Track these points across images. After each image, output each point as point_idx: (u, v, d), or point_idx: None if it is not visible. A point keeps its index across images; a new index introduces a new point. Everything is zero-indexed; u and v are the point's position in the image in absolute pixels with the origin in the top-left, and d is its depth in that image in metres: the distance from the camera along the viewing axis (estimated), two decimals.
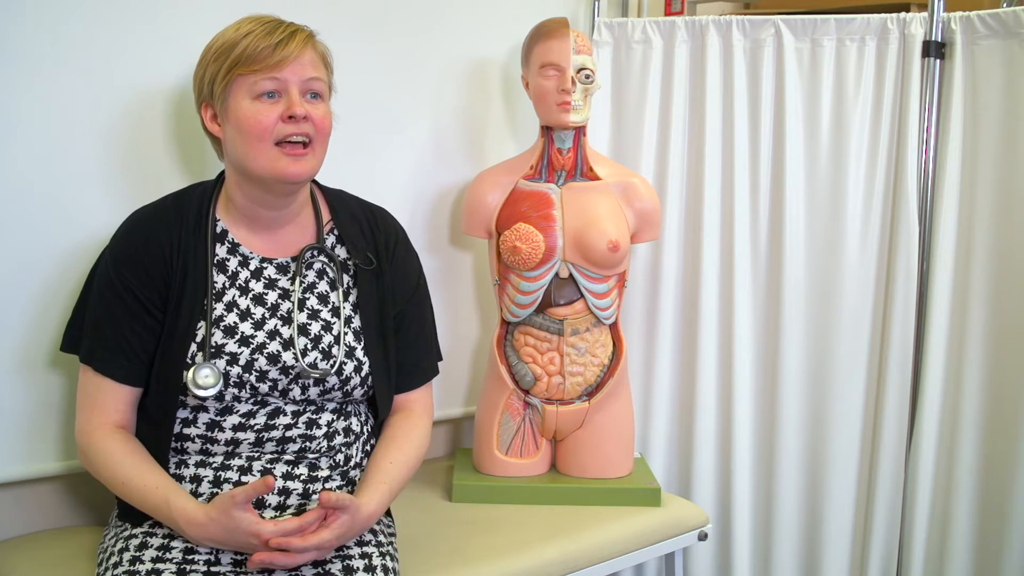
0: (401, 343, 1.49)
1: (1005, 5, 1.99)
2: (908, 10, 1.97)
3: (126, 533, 1.32)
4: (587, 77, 1.76)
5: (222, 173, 1.43)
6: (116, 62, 1.53)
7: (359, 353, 1.40)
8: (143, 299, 1.33)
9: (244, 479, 1.32)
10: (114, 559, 1.28)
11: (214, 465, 1.33)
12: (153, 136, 1.59)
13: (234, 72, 1.29)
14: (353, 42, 1.81)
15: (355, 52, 1.81)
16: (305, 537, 1.22)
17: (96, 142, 1.53)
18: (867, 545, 2.03)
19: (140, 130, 1.58)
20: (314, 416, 1.37)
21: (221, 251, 1.38)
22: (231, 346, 1.32)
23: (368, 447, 1.46)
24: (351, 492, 1.41)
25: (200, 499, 1.32)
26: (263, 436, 1.34)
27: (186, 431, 1.34)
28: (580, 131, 1.81)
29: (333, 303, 1.41)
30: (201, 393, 1.29)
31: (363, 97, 1.84)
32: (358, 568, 1.28)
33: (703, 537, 1.84)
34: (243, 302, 1.36)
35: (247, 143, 1.31)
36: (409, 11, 1.91)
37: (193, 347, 1.31)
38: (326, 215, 1.47)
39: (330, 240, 1.45)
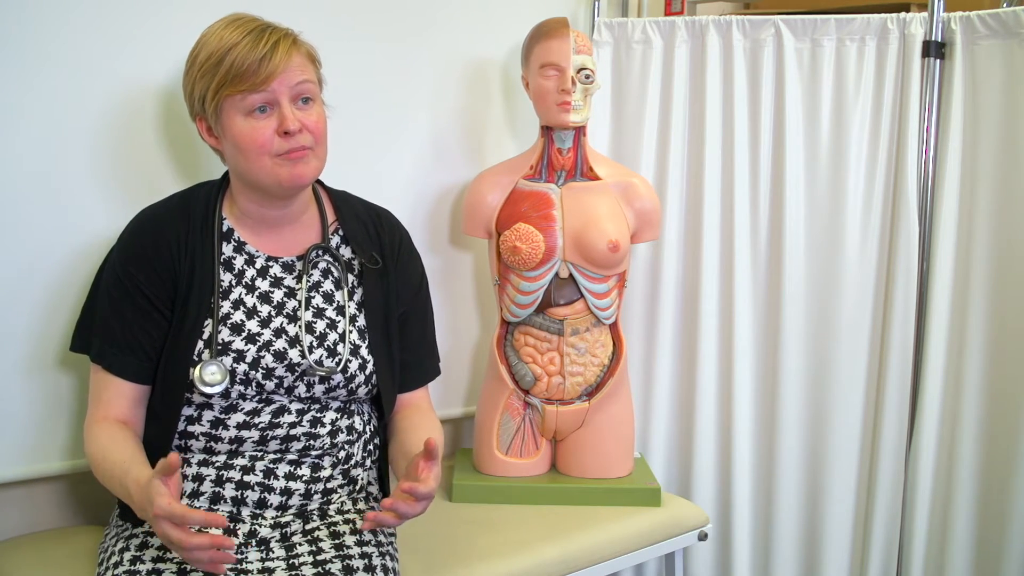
0: (405, 343, 1.50)
1: (1005, 5, 1.99)
2: (908, 10, 1.97)
3: (127, 533, 1.32)
4: (587, 77, 1.76)
5: (227, 172, 1.43)
6: (112, 63, 1.53)
7: (364, 351, 1.40)
8: (151, 296, 1.33)
9: (247, 478, 1.33)
10: (115, 559, 1.28)
11: (217, 464, 1.34)
12: (151, 137, 1.59)
13: (222, 92, 1.29)
14: (352, 42, 1.81)
15: (354, 52, 1.81)
16: (426, 482, 1.21)
17: (95, 144, 1.53)
18: (867, 545, 2.03)
19: (138, 131, 1.58)
20: (318, 414, 1.38)
21: (227, 249, 1.38)
22: (238, 343, 1.33)
23: (370, 447, 1.46)
24: (352, 491, 1.42)
25: (202, 498, 1.33)
26: (267, 434, 1.34)
27: (190, 428, 1.34)
28: (580, 131, 1.81)
29: (338, 302, 1.42)
30: (207, 390, 1.30)
31: (363, 98, 1.84)
32: (358, 568, 1.29)
33: (703, 537, 1.84)
34: (249, 300, 1.37)
35: (247, 159, 1.32)
36: (409, 11, 1.91)
37: (200, 344, 1.32)
38: (331, 215, 1.47)
39: (335, 240, 1.46)
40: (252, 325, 1.35)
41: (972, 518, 1.94)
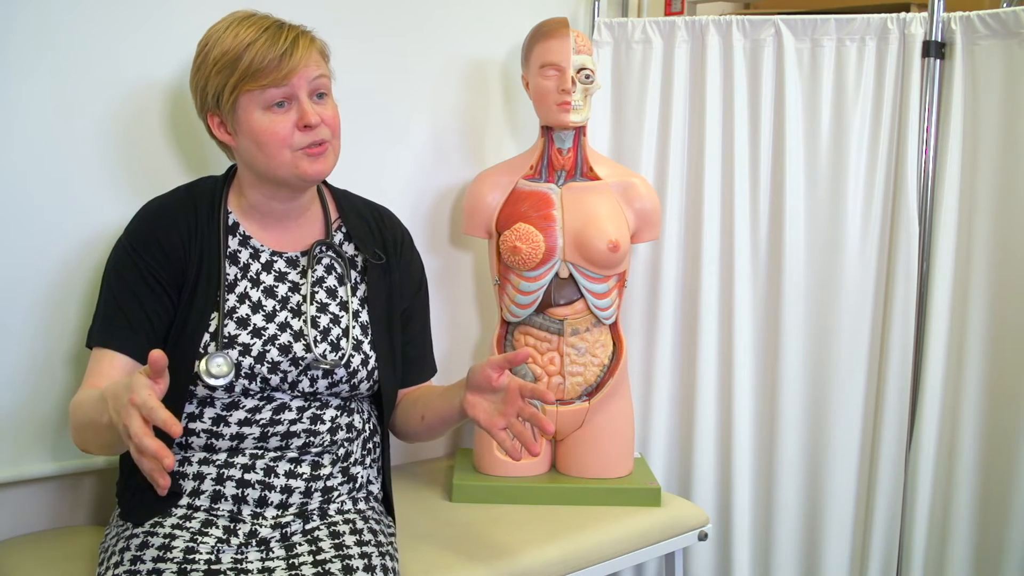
0: (408, 338, 1.52)
1: (1005, 5, 1.99)
2: (908, 10, 1.97)
3: (127, 533, 1.32)
4: (587, 77, 1.76)
5: (231, 167, 1.44)
6: (115, 58, 1.53)
7: (366, 347, 1.41)
8: (160, 277, 1.33)
9: (247, 476, 1.33)
10: (115, 559, 1.28)
11: (217, 462, 1.34)
12: (157, 131, 1.59)
13: (241, 87, 1.30)
14: (352, 41, 1.81)
15: (355, 51, 1.81)
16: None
17: (100, 138, 1.53)
18: (867, 545, 2.03)
19: (144, 125, 1.58)
20: (318, 411, 1.38)
21: (233, 243, 1.39)
22: (244, 337, 1.33)
23: (370, 445, 1.47)
24: (352, 489, 1.42)
25: (203, 496, 1.33)
26: (268, 431, 1.35)
27: (191, 426, 1.34)
28: (580, 131, 1.81)
29: (341, 297, 1.43)
30: (214, 382, 1.28)
31: (363, 97, 1.84)
32: (358, 568, 1.29)
33: (703, 537, 1.84)
34: (254, 294, 1.37)
35: (267, 154, 1.32)
36: (409, 10, 1.91)
37: (206, 337, 1.32)
38: (334, 212, 1.49)
39: (338, 236, 1.47)
40: (257, 319, 1.36)
41: (972, 518, 1.94)
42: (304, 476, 1.36)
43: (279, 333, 1.36)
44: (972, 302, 1.92)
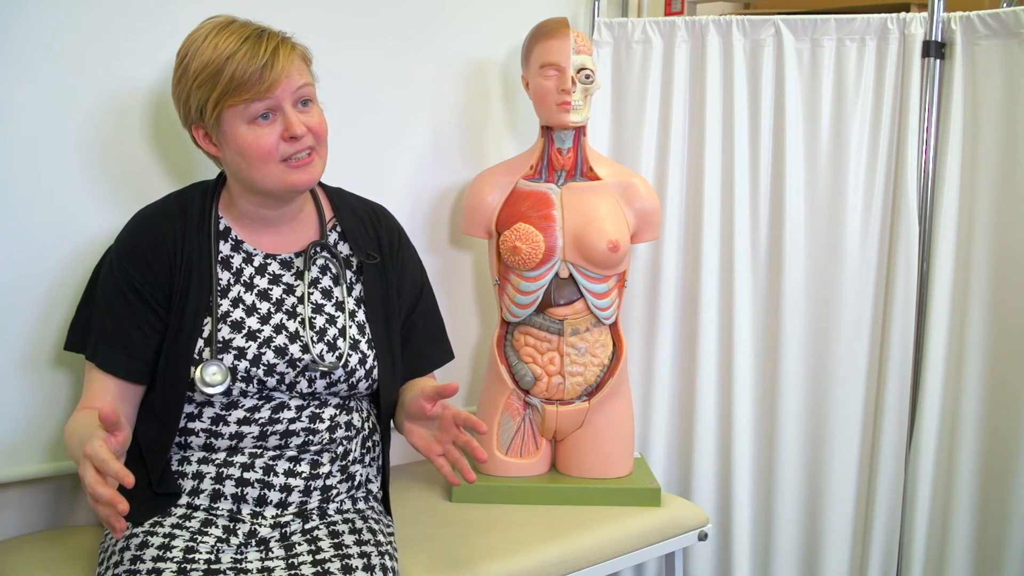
0: (412, 334, 1.52)
1: (1005, 5, 1.99)
2: (908, 10, 1.97)
3: (127, 532, 1.32)
4: (587, 77, 1.76)
5: (222, 173, 1.43)
6: (104, 63, 1.53)
7: (363, 346, 1.41)
8: (145, 294, 1.34)
9: (247, 475, 1.34)
10: (115, 558, 1.28)
11: (217, 462, 1.34)
12: (144, 136, 1.59)
13: (224, 103, 1.28)
14: (352, 42, 1.81)
15: (354, 52, 1.81)
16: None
17: (87, 144, 1.53)
18: (867, 545, 2.03)
19: (131, 130, 1.57)
20: (317, 410, 1.38)
21: (225, 248, 1.39)
22: (238, 341, 1.33)
23: (369, 443, 1.47)
24: (351, 487, 1.42)
25: (203, 495, 1.34)
26: (267, 430, 1.35)
27: (191, 425, 1.35)
28: (580, 131, 1.81)
29: (337, 298, 1.42)
30: (209, 391, 1.30)
31: (363, 97, 1.84)
32: (357, 567, 1.29)
33: (703, 537, 1.84)
34: (248, 298, 1.37)
35: (253, 166, 1.32)
36: (409, 10, 1.91)
37: (200, 343, 1.32)
38: (328, 212, 1.49)
39: (333, 236, 1.47)
40: (252, 322, 1.36)
41: (972, 518, 1.94)
42: (303, 475, 1.36)
43: (274, 336, 1.36)
44: (972, 302, 1.92)
